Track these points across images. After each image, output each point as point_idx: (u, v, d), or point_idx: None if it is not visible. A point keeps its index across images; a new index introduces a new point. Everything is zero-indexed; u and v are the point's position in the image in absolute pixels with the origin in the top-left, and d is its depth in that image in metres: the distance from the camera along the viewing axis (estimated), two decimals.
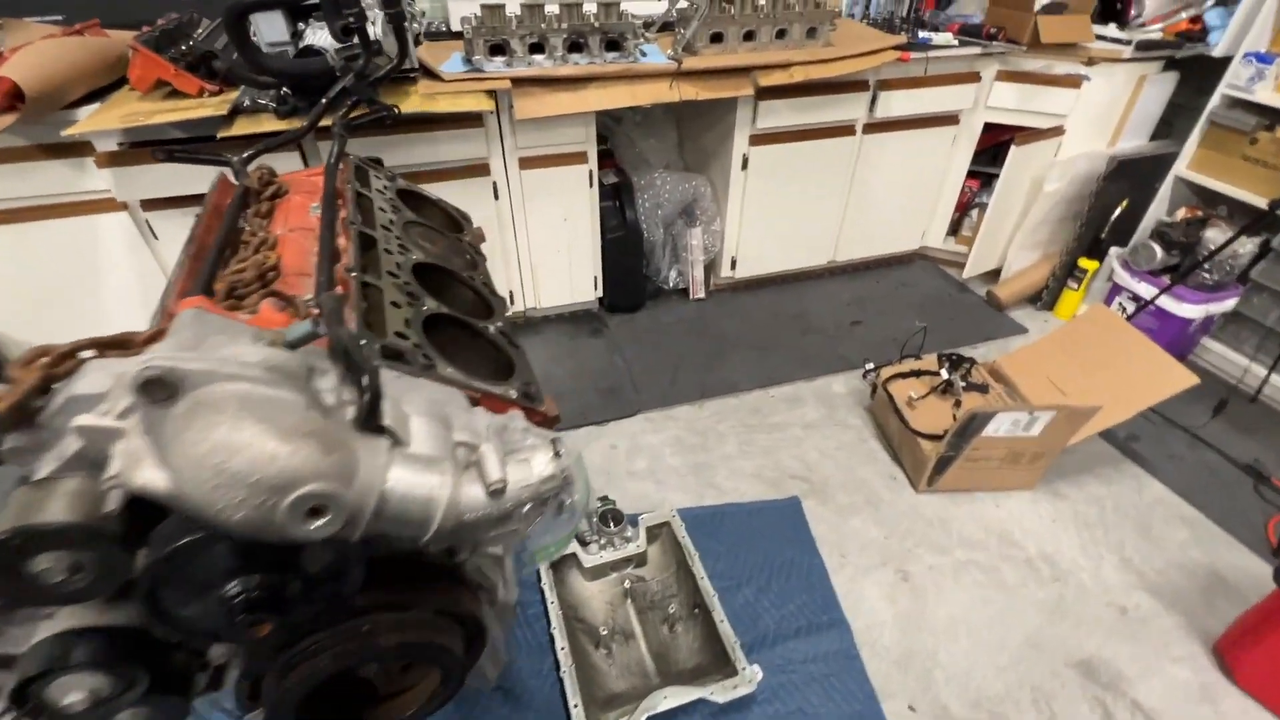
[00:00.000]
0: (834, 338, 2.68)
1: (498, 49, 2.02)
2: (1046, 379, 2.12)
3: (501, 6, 2.00)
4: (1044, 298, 2.86)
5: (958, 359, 2.19)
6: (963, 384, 2.08)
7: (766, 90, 2.30)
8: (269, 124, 1.71)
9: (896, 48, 2.34)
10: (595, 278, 2.68)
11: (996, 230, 2.83)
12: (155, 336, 0.56)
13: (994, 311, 2.85)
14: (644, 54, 2.20)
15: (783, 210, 2.73)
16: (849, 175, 2.72)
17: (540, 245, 2.50)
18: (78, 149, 1.79)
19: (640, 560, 1.77)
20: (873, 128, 2.62)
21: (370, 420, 0.49)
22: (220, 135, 1.66)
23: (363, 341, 0.59)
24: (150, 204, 1.93)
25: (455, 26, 2.40)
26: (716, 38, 2.23)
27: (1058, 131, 2.61)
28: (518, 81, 2.01)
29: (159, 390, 0.39)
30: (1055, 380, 2.11)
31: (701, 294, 2.90)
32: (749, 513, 1.94)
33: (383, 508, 0.42)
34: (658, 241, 2.81)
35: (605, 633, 1.61)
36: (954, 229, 3.13)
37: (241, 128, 1.69)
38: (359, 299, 0.66)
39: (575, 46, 2.08)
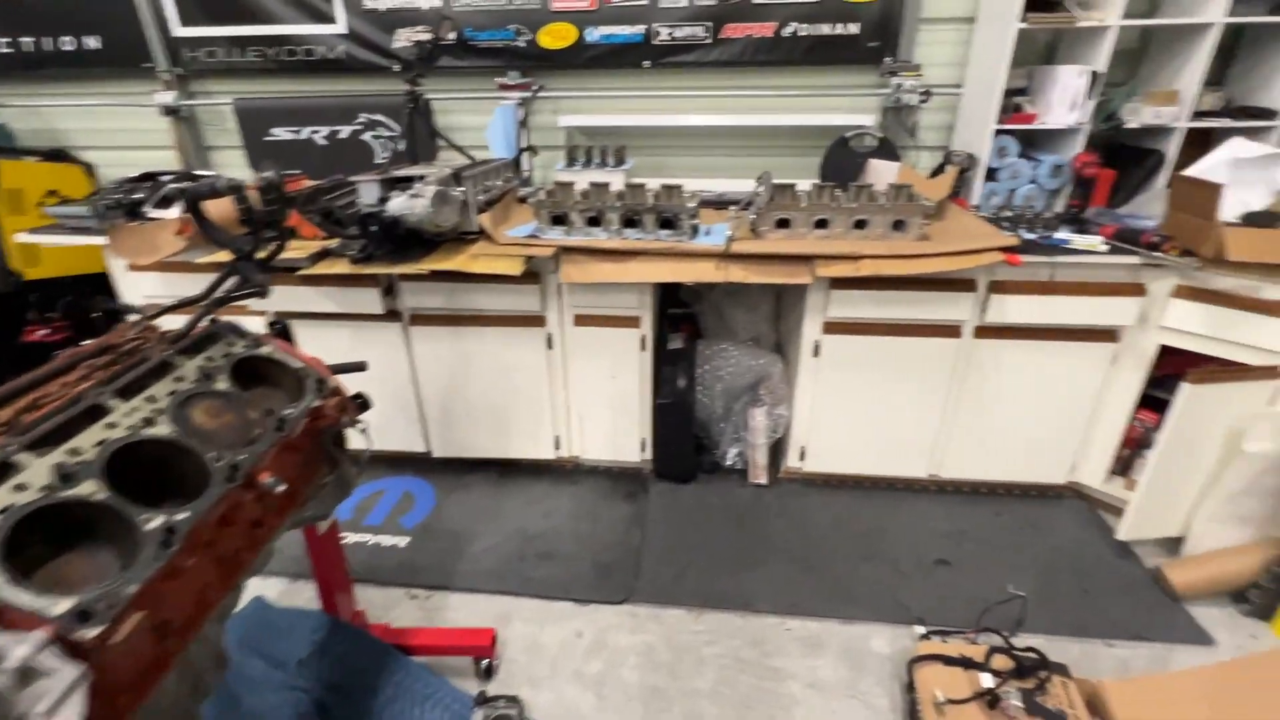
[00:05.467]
0: (903, 575, 2.14)
1: (559, 219, 2.17)
2: None
3: (571, 184, 2.18)
4: (1253, 600, 1.96)
5: (1032, 663, 1.56)
6: (1020, 705, 1.46)
7: (841, 281, 2.10)
8: (343, 267, 2.04)
9: (1004, 249, 1.97)
10: (643, 440, 2.57)
11: (1173, 487, 2.08)
12: None
13: (1165, 599, 2.02)
14: (706, 233, 2.19)
15: (863, 407, 2.37)
16: (953, 379, 2.28)
17: (587, 398, 2.49)
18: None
19: None
20: (988, 332, 2.20)
21: None
22: (300, 272, 2.04)
23: None
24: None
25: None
26: (784, 223, 2.13)
27: (1271, 373, 1.90)
28: (569, 250, 2.13)
29: None
30: None
31: (763, 479, 2.58)
32: None
33: None
34: (715, 415, 2.62)
35: None
36: (1124, 468, 2.39)
37: (322, 268, 2.04)
38: None
39: (631, 222, 2.15)
